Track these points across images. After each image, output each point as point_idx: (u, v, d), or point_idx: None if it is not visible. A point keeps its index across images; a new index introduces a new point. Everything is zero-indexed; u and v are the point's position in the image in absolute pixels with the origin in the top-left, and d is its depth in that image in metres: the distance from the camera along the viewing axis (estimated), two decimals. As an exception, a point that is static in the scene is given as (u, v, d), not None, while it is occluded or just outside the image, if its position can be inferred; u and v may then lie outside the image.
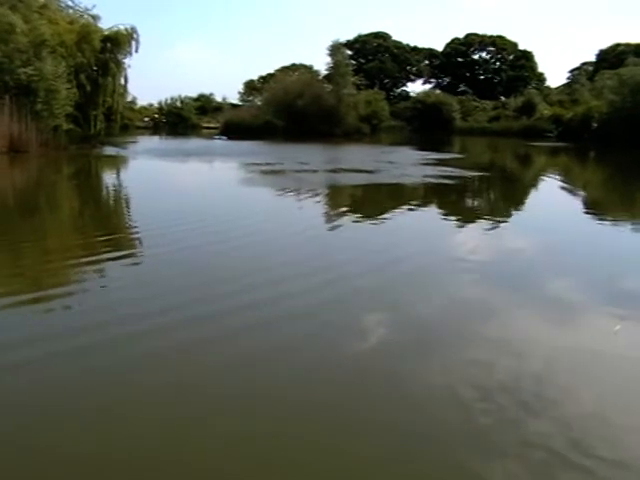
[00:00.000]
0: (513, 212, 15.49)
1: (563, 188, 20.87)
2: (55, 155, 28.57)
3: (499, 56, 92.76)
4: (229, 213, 12.68)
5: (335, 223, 12.44)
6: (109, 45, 34.82)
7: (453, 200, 17.20)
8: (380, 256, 9.22)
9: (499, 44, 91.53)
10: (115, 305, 6.45)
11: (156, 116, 72.28)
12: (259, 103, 65.31)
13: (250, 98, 77.78)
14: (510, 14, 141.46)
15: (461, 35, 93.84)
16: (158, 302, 6.44)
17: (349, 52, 73.05)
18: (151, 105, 75.00)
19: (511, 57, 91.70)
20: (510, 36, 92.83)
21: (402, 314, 6.60)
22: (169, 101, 72.85)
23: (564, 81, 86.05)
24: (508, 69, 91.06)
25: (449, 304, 7.00)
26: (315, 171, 23.19)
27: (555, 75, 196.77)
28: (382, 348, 5.60)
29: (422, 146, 40.70)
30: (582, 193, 19.38)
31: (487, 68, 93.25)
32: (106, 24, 35.74)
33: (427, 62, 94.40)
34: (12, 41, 28.12)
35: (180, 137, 53.55)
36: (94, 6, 35.65)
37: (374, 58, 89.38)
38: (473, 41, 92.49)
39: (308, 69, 66.99)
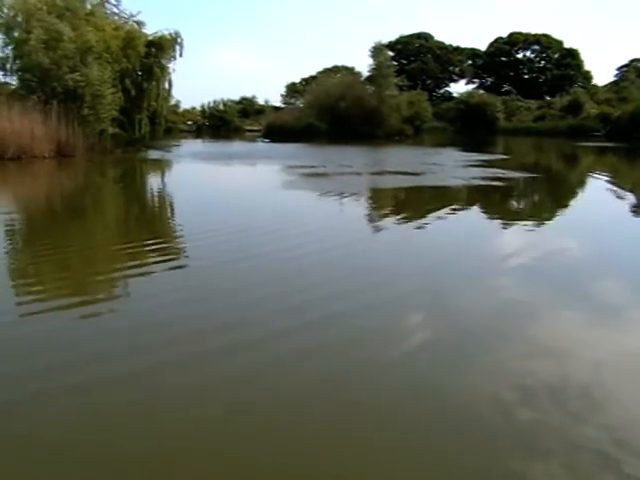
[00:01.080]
0: (559, 213, 15.28)
1: (611, 189, 20.51)
2: (101, 159, 29.13)
3: (544, 55, 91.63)
4: (273, 219, 12.52)
5: (379, 226, 12.44)
6: (153, 50, 35.37)
7: (499, 202, 17.05)
8: (424, 259, 9.25)
9: (544, 42, 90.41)
10: (162, 317, 6.42)
11: (199, 119, 73.00)
12: (301, 105, 65.53)
13: (292, 100, 78.22)
14: (555, 12, 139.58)
15: (505, 34, 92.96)
16: (207, 320, 6.32)
17: (391, 53, 72.74)
18: (194, 108, 75.79)
19: (556, 55, 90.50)
20: (555, 34, 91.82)
21: (447, 317, 6.58)
22: (212, 104, 73.52)
23: (612, 79, 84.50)
24: (553, 68, 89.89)
25: (495, 307, 6.97)
26: (359, 173, 23.17)
27: (602, 73, 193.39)
28: (427, 351, 5.59)
29: (466, 147, 40.34)
30: (631, 194, 19.02)
31: (531, 67, 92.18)
32: (150, 29, 36.32)
33: (470, 62, 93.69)
34: (60, 48, 28.80)
35: (223, 140, 53.94)
36: (139, 12, 36.44)
37: (416, 59, 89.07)
38: (517, 40, 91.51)
39: (350, 71, 66.96)
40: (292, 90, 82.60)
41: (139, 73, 34.99)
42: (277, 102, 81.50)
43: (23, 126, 26.27)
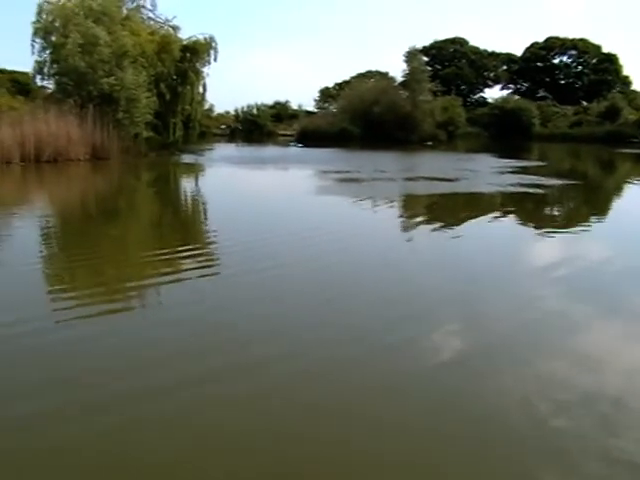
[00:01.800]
0: (597, 222, 14.96)
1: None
2: (135, 162, 29.35)
3: (581, 60, 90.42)
4: (305, 226, 12.44)
5: (412, 234, 12.27)
6: (188, 54, 35.61)
7: (535, 209, 16.78)
8: (458, 268, 9.09)
9: (581, 47, 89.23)
10: (193, 327, 6.34)
11: (232, 123, 73.30)
12: (335, 110, 65.40)
13: (326, 105, 78.15)
14: (593, 16, 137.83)
15: (541, 39, 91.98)
16: (238, 330, 6.20)
17: (425, 58, 72.37)
18: (228, 112, 76.08)
19: (594, 60, 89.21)
20: (593, 39, 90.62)
21: (480, 327, 6.50)
22: (245, 108, 73.73)
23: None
24: (591, 73, 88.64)
25: (529, 317, 6.84)
26: (392, 179, 23.02)
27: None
28: (460, 361, 5.52)
29: (500, 153, 39.89)
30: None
31: (568, 72, 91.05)
32: (185, 34, 36.55)
33: (505, 67, 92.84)
34: (96, 52, 29.14)
35: (256, 144, 54.10)
36: (174, 17, 36.54)
37: (451, 64, 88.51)
38: (554, 45, 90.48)
39: (384, 76, 66.76)
40: (325, 95, 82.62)
41: (174, 77, 35.25)
42: (310, 107, 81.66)
43: (59, 129, 26.58)
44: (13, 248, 10.14)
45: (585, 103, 78.05)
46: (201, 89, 37.87)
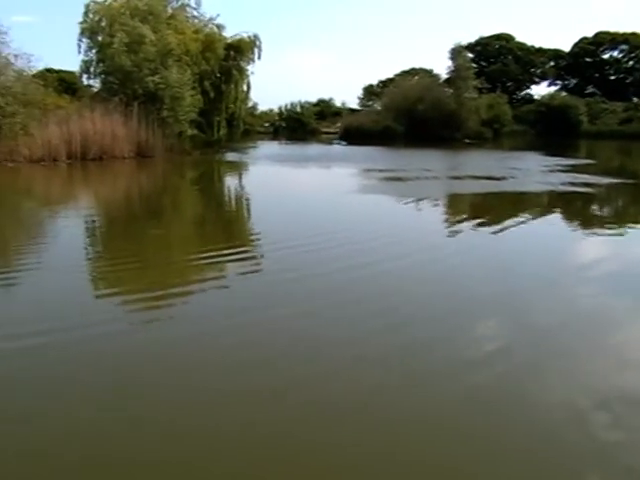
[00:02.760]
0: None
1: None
2: (179, 160, 29.52)
3: (632, 54, 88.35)
4: (349, 227, 12.11)
5: (458, 234, 11.90)
6: (232, 53, 35.74)
7: (585, 209, 16.39)
8: (505, 268, 8.89)
9: (633, 42, 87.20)
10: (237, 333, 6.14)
11: (276, 121, 73.43)
12: (378, 108, 65.08)
13: (369, 103, 77.81)
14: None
15: (590, 34, 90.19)
16: (281, 337, 5.96)
17: (470, 55, 71.47)
18: (271, 110, 76.20)
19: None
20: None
21: (523, 325, 6.36)
22: (289, 106, 73.77)
23: None
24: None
25: (572, 316, 6.74)
26: (437, 178, 22.73)
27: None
28: (501, 359, 5.42)
29: (547, 151, 39.13)
30: None
31: (618, 68, 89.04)
32: (229, 32, 36.70)
33: (552, 63, 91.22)
34: (141, 51, 29.41)
35: (299, 142, 54.06)
36: (218, 15, 36.77)
37: (496, 60, 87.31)
38: (603, 40, 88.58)
39: (428, 73, 66.13)
40: (369, 92, 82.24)
41: (218, 75, 35.41)
42: (354, 104, 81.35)
43: (105, 127, 26.88)
44: (59, 249, 10.08)
45: (636, 99, 76.27)
46: (245, 87, 38.04)
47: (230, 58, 35.59)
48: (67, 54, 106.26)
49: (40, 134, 24.95)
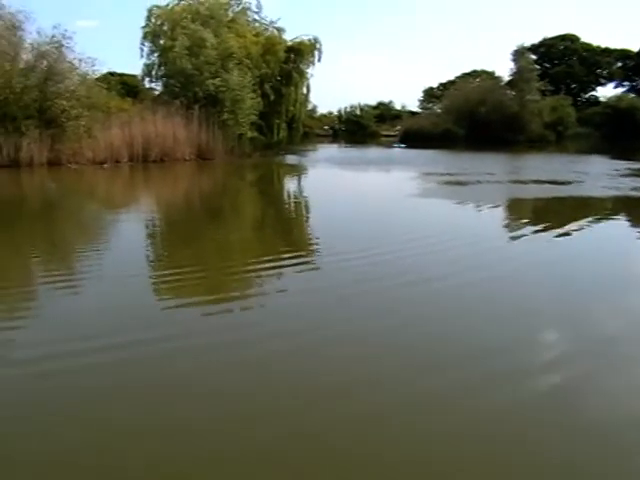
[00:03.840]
0: None
1: None
2: (239, 162, 29.61)
3: None
4: (409, 232, 11.44)
5: (522, 243, 11.14)
6: (292, 56, 35.82)
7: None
8: (567, 274, 8.40)
9: None
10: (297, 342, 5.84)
11: (335, 124, 73.44)
12: (439, 111, 64.47)
13: (429, 106, 77.13)
14: None
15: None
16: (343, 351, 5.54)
17: (534, 56, 70.12)
18: (331, 113, 76.36)
19: None
20: None
21: (582, 331, 6.06)
22: (348, 109, 73.77)
23: None
24: None
25: (632, 322, 6.41)
26: (499, 182, 22.11)
27: None
28: (561, 366, 5.20)
29: (614, 155, 37.78)
30: None
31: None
32: (289, 35, 36.82)
33: (620, 64, 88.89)
34: (203, 54, 29.67)
35: (358, 145, 53.82)
36: (279, 19, 36.88)
37: (560, 62, 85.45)
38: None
39: (490, 75, 65.21)
40: (430, 95, 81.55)
41: (278, 78, 35.52)
42: (414, 107, 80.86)
43: (166, 130, 27.18)
44: (122, 255, 9.80)
45: None
46: (305, 90, 38.09)
47: (290, 61, 35.69)
48: (129, 58, 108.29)
49: (103, 136, 25.36)
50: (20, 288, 7.44)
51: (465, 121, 54.05)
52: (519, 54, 58.33)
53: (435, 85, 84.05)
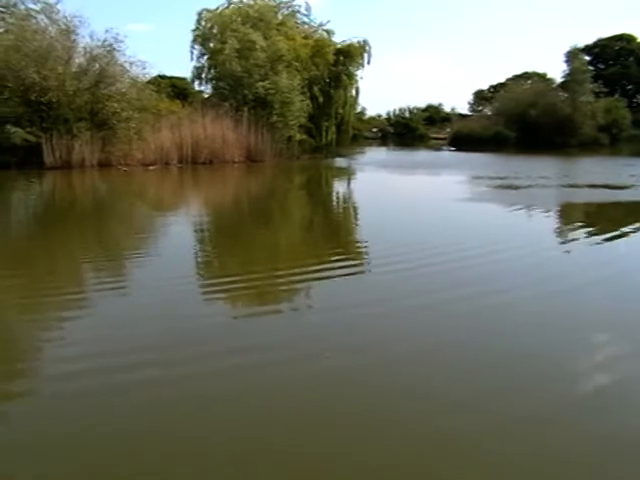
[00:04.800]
0: None
1: None
2: (288, 164, 29.57)
3: None
4: (458, 238, 10.96)
5: (577, 254, 10.68)
6: (342, 58, 35.73)
7: None
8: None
9: None
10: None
11: (384, 126, 73.12)
12: (489, 113, 63.63)
13: (480, 108, 76.13)
14: None
15: None
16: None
17: (587, 57, 68.76)
18: (379, 116, 75.96)
19: None
20: None
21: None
22: (397, 111, 73.34)
23: None
24: None
25: None
26: (552, 186, 21.49)
27: None
28: (617, 375, 5.00)
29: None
30: None
31: None
32: (338, 37, 36.75)
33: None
34: (252, 57, 29.74)
35: (407, 148, 53.38)
36: (328, 21, 36.86)
37: (615, 63, 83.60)
38: None
39: (542, 77, 64.10)
40: (480, 97, 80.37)
41: (327, 81, 35.46)
42: (464, 110, 79.91)
43: (215, 132, 27.32)
44: (172, 259, 9.51)
45: None
46: (354, 92, 38.00)
47: (339, 63, 35.61)
48: (179, 61, 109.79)
49: (153, 138, 25.59)
50: (68, 296, 7.14)
51: (516, 124, 53.14)
52: (572, 55, 57.12)
53: (485, 87, 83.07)
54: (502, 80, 75.79)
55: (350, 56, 36.11)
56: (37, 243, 10.95)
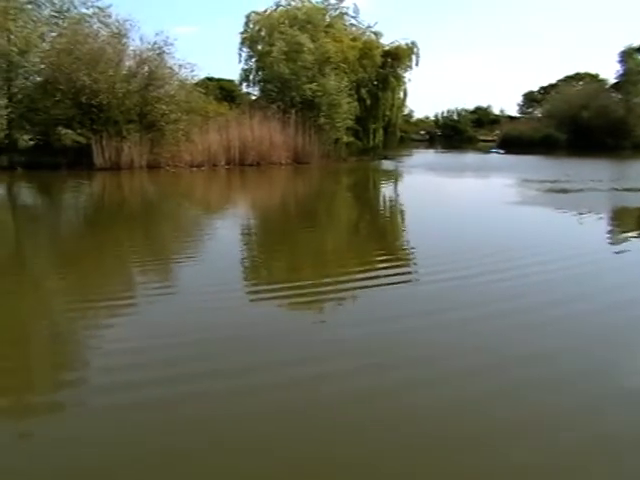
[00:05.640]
0: None
1: None
2: (335, 167, 29.45)
3: None
4: (511, 247, 10.40)
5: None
6: (390, 60, 35.61)
7: None
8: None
9: None
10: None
11: (432, 129, 72.65)
12: (539, 115, 62.73)
13: (529, 110, 75.14)
14: None
15: None
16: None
17: (642, 57, 67.23)
18: (427, 118, 75.57)
19: None
20: None
21: None
22: (445, 114, 72.85)
23: None
24: None
25: None
26: (605, 190, 20.89)
27: None
28: None
29: None
30: None
31: None
32: (385, 39, 36.58)
33: None
34: (300, 59, 29.76)
35: (455, 150, 52.83)
36: (376, 23, 36.81)
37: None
38: None
39: (594, 78, 62.91)
40: (530, 99, 79.29)
41: (375, 83, 35.36)
42: (513, 112, 78.93)
43: (263, 134, 27.39)
44: (216, 263, 9.42)
45: None
46: (402, 94, 37.82)
47: (387, 65, 35.49)
48: (226, 63, 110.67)
49: (201, 140, 25.75)
50: (114, 301, 6.98)
51: (567, 126, 52.22)
52: (626, 55, 55.81)
53: (535, 89, 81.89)
54: (553, 81, 74.60)
55: (398, 58, 35.94)
56: (86, 245, 10.99)
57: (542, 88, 77.64)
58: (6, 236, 12.01)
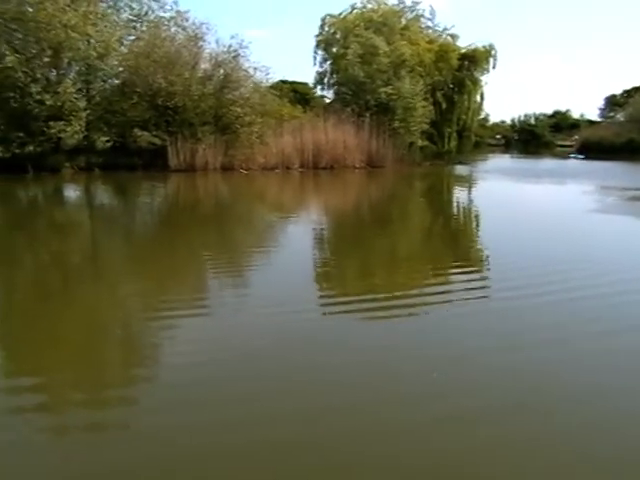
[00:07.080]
0: None
1: None
2: (409, 171, 29.05)
3: None
4: (590, 260, 9.61)
5: None
6: (466, 63, 35.10)
7: None
8: None
9: None
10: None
11: (508, 133, 71.34)
12: (621, 119, 60.73)
13: (611, 114, 72.91)
14: None
15: None
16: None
17: None
18: (503, 122, 74.21)
19: None
20: None
21: None
22: (522, 118, 71.43)
23: None
24: None
25: None
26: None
27: None
28: None
29: None
30: None
31: None
32: (463, 42, 36.04)
33: None
34: (375, 62, 29.54)
35: (531, 155, 51.57)
36: (452, 26, 36.29)
37: None
38: None
39: (681, 81, 60.75)
40: (611, 103, 76.96)
41: (450, 86, 34.88)
42: (594, 116, 76.72)
43: (337, 137, 27.26)
44: (287, 271, 9.05)
45: None
46: (478, 98, 37.24)
47: (464, 68, 34.96)
48: (299, 66, 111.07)
49: (275, 143, 25.79)
50: (184, 310, 6.78)
51: (652, 130, 50.49)
52: None
53: (618, 92, 79.46)
54: (637, 84, 72.23)
55: (475, 61, 35.36)
56: (160, 249, 10.96)
57: (625, 91, 75.24)
58: (83, 237, 12.20)
